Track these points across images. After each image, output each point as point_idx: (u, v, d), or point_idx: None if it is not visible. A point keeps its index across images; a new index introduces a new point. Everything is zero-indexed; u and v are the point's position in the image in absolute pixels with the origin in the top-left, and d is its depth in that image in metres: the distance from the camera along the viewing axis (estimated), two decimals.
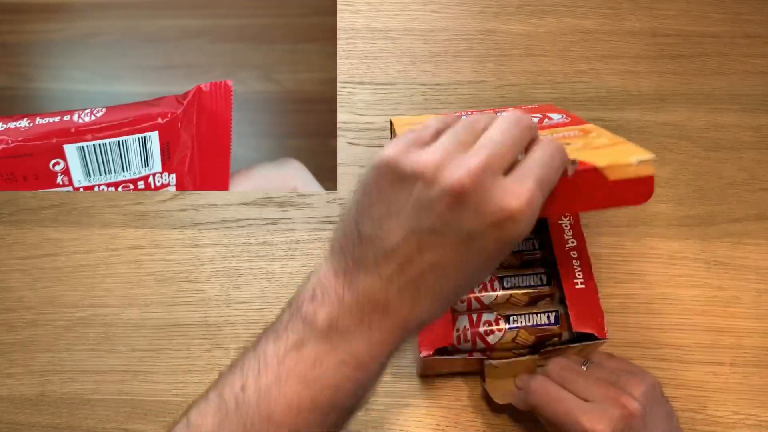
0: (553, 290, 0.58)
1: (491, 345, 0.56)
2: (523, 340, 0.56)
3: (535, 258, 0.61)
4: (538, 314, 0.57)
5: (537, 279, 0.59)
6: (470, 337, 0.56)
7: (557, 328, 0.56)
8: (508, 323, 0.56)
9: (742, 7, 0.78)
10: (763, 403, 0.60)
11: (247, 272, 0.66)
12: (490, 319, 0.57)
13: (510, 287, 0.58)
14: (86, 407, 0.61)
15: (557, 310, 0.57)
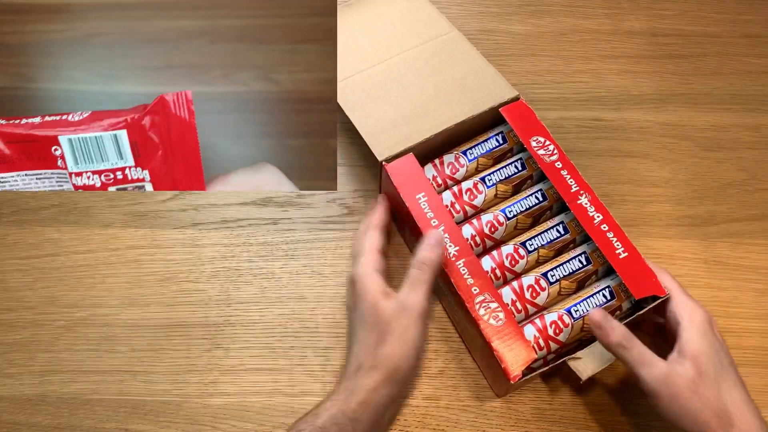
0: (595, 267, 0.58)
1: (564, 343, 0.56)
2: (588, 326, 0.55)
3: (567, 243, 0.60)
4: (592, 296, 0.57)
5: (577, 262, 0.59)
6: (543, 343, 0.56)
7: (615, 302, 0.56)
8: (572, 316, 0.56)
9: (742, 7, 0.78)
10: (763, 403, 0.60)
11: (247, 272, 0.66)
12: (553, 318, 0.57)
13: (556, 280, 0.58)
14: (86, 407, 0.61)
15: (608, 285, 0.57)
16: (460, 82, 0.66)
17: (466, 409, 0.60)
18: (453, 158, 0.65)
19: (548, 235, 0.60)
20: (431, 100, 0.65)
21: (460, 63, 0.67)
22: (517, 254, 0.60)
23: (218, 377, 0.62)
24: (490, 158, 0.65)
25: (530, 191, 0.62)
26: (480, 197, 0.63)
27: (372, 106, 0.66)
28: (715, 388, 0.49)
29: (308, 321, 0.64)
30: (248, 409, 0.60)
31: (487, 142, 0.65)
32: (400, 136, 0.63)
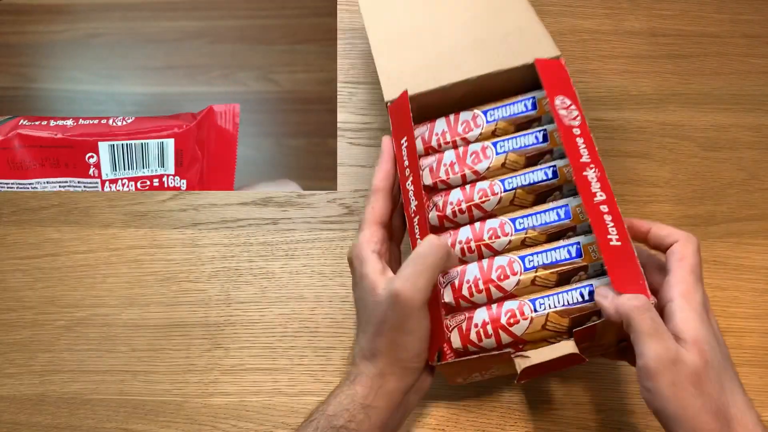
0: (586, 261, 0.50)
1: (519, 336, 0.49)
2: (555, 326, 0.48)
3: (565, 230, 0.52)
4: (568, 292, 0.49)
5: (564, 252, 0.50)
6: (492, 331, 0.49)
7: (593, 305, 0.48)
8: (535, 309, 0.49)
9: (742, 7, 0.78)
10: (763, 403, 0.60)
11: (247, 272, 0.66)
12: (512, 307, 0.49)
13: (532, 267, 0.50)
14: (86, 407, 0.61)
15: (591, 284, 0.49)
16: (501, 35, 0.58)
17: (466, 409, 0.60)
18: (470, 116, 0.57)
19: (545, 216, 0.52)
20: (464, 50, 0.58)
21: (508, 19, 0.60)
22: (501, 230, 0.52)
23: (218, 377, 0.62)
24: (512, 124, 0.57)
25: (541, 166, 0.54)
26: (485, 163, 0.55)
27: (396, 39, 0.60)
28: (718, 384, 0.42)
29: (308, 321, 0.64)
30: (248, 409, 0.60)
31: (513, 105, 0.57)
32: (416, 78, 0.57)
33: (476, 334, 0.49)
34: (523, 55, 0.56)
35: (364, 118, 0.73)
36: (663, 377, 0.41)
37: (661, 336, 0.42)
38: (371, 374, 0.48)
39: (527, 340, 0.49)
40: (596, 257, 0.50)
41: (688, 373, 0.41)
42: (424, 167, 0.57)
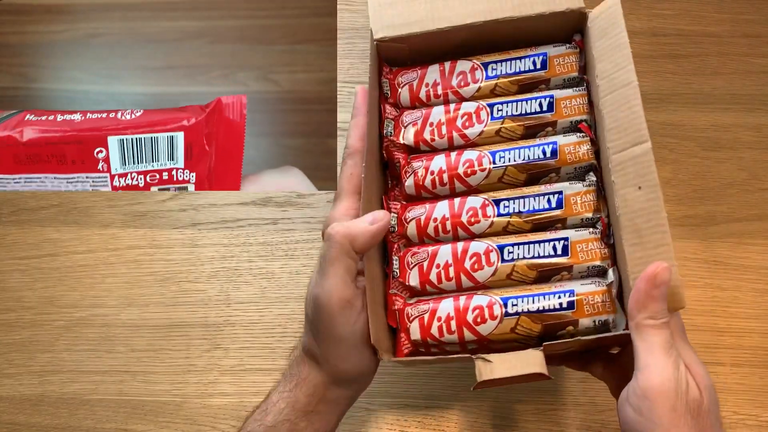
0: (571, 261, 0.45)
1: (484, 336, 0.44)
2: (525, 330, 0.44)
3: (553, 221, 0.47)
4: (546, 296, 0.44)
5: (549, 248, 0.46)
6: (455, 327, 0.45)
7: (572, 314, 0.44)
8: (506, 308, 0.44)
9: (742, 7, 0.77)
10: (763, 403, 0.60)
11: (246, 272, 0.66)
12: (480, 303, 0.45)
13: (510, 259, 0.46)
14: (85, 407, 0.61)
15: (573, 290, 0.44)
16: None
17: (466, 409, 0.60)
18: (468, 68, 0.50)
19: (533, 202, 0.47)
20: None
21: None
22: (483, 211, 0.47)
23: (218, 377, 0.62)
24: (516, 84, 0.50)
25: (541, 141, 0.48)
26: (477, 127, 0.49)
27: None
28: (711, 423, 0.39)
29: None
30: (248, 409, 0.60)
31: (520, 60, 0.50)
32: (412, 15, 0.49)
33: (438, 328, 0.45)
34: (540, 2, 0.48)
35: None
36: (664, 399, 0.37)
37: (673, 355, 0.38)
38: (315, 382, 0.44)
39: (492, 340, 0.45)
40: (584, 259, 0.45)
41: (690, 401, 0.38)
42: (407, 123, 0.50)
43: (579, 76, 0.50)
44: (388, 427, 0.59)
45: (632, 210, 0.42)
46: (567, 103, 0.49)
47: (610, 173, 0.44)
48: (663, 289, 0.39)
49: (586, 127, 0.48)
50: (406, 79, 0.52)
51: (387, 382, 0.61)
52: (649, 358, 0.38)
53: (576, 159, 0.47)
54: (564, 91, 0.49)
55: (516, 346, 0.44)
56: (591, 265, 0.45)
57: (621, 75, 0.45)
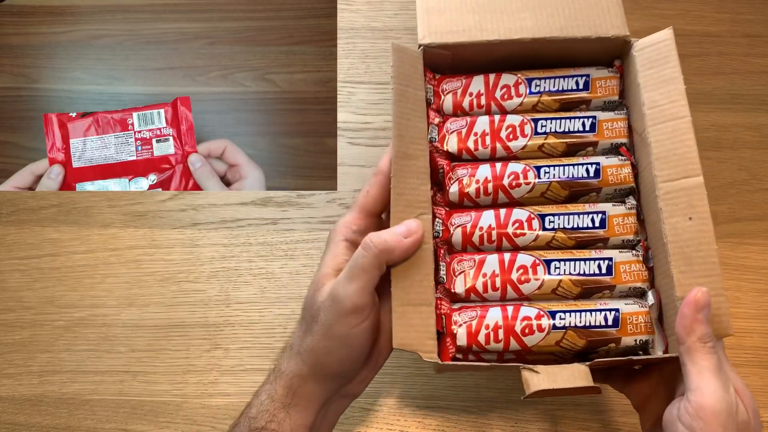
0: (615, 282, 0.47)
1: (528, 347, 0.45)
2: (570, 344, 0.45)
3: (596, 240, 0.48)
4: (591, 312, 0.45)
5: (595, 266, 0.47)
6: (503, 336, 0.45)
7: (616, 332, 0.45)
8: (554, 321, 0.45)
9: (742, 7, 0.78)
10: (763, 403, 0.60)
11: (246, 272, 0.66)
12: (529, 314, 0.46)
13: (557, 274, 0.47)
14: (86, 407, 0.61)
15: (618, 309, 0.46)
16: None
17: (466, 409, 0.60)
18: (513, 81, 0.52)
19: (578, 220, 0.48)
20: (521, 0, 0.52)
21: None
22: (528, 224, 0.48)
23: (218, 377, 0.62)
24: (558, 101, 0.52)
25: (585, 160, 0.49)
26: (520, 141, 0.50)
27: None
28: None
29: None
30: None
31: (563, 79, 0.52)
32: (459, 24, 0.51)
33: (485, 336, 0.45)
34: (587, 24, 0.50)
35: (364, 118, 0.73)
36: (716, 420, 0.39)
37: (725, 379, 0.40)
38: (291, 374, 0.46)
39: (534, 352, 0.46)
40: (627, 279, 0.47)
41: (740, 423, 0.39)
42: (452, 131, 0.51)
43: (619, 100, 0.52)
44: (388, 427, 0.59)
45: (682, 239, 0.44)
46: (609, 126, 0.50)
47: (657, 200, 0.46)
48: (706, 312, 0.41)
49: (626, 150, 0.50)
50: (450, 87, 0.53)
51: (387, 382, 0.61)
52: (701, 380, 0.40)
53: (618, 181, 0.49)
54: (606, 114, 0.51)
55: (552, 359, 0.46)
56: (632, 286, 0.47)
57: (673, 108, 0.47)
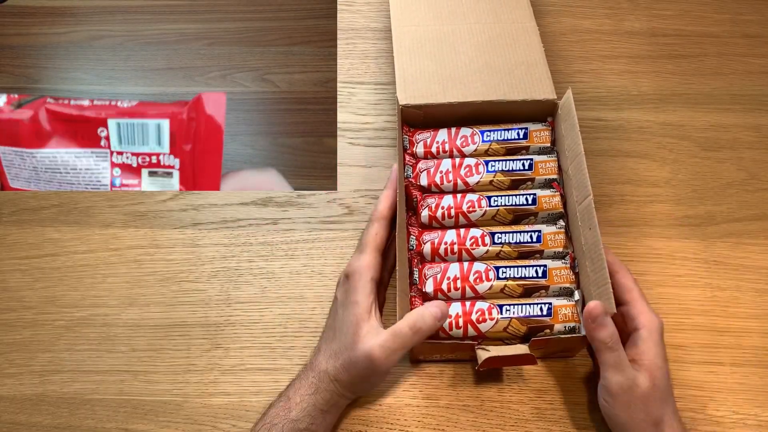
0: (548, 283, 0.60)
1: (482, 333, 0.57)
2: (514, 330, 0.57)
3: (534, 252, 0.61)
4: (530, 305, 0.58)
5: (533, 271, 0.60)
6: (462, 324, 0.57)
7: (549, 320, 0.57)
8: (501, 313, 0.58)
9: (742, 7, 0.78)
10: (763, 403, 0.60)
11: (247, 272, 0.66)
12: (483, 308, 0.58)
13: (504, 278, 0.59)
14: (86, 407, 0.61)
15: (550, 303, 0.58)
16: (510, 67, 0.66)
17: (466, 409, 0.60)
18: (469, 133, 0.66)
19: (520, 236, 0.61)
20: (475, 72, 0.66)
21: (519, 51, 0.67)
22: (482, 240, 0.61)
23: (218, 377, 0.62)
24: (504, 147, 0.65)
25: (524, 192, 0.63)
26: (475, 177, 0.64)
27: (419, 57, 0.67)
28: (660, 401, 0.53)
29: (308, 321, 0.64)
30: (248, 409, 0.60)
31: (508, 131, 0.66)
32: (428, 91, 0.65)
33: (449, 323, 0.58)
34: (525, 90, 0.65)
35: (364, 118, 0.73)
36: (620, 399, 0.52)
37: (622, 369, 0.52)
38: (333, 391, 0.55)
39: (487, 337, 0.58)
40: (558, 281, 0.59)
41: (639, 395, 0.52)
42: (423, 170, 0.65)
43: (550, 146, 0.65)
44: (388, 427, 0.60)
45: (587, 245, 0.57)
46: (543, 166, 0.64)
47: (577, 219, 0.60)
48: (601, 320, 0.52)
49: (557, 184, 0.64)
50: (421, 137, 0.66)
51: (387, 382, 0.61)
52: (606, 373, 0.53)
53: (550, 207, 0.62)
54: (540, 156, 0.65)
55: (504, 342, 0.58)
56: (562, 286, 0.60)
57: (575, 147, 0.60)
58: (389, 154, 0.71)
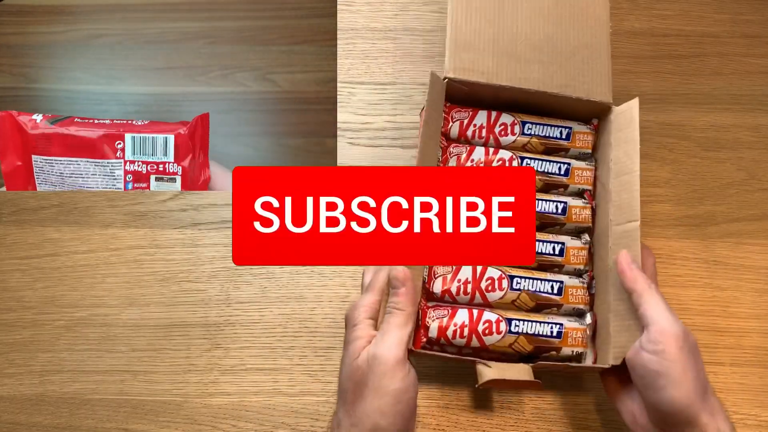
0: (563, 301, 0.57)
1: (486, 345, 0.54)
2: (520, 347, 0.55)
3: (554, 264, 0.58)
4: (540, 323, 0.55)
5: (548, 285, 0.57)
6: (467, 333, 0.54)
7: (558, 343, 0.55)
8: (510, 327, 0.54)
9: (742, 7, 0.78)
10: (763, 403, 0.60)
11: (247, 272, 0.66)
12: (491, 319, 0.55)
13: (518, 288, 0.56)
14: (86, 407, 0.61)
15: (561, 323, 0.55)
16: (572, 50, 0.60)
17: (466, 409, 0.60)
18: (510, 121, 0.61)
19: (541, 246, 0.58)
20: (534, 49, 0.59)
21: (584, 27, 0.61)
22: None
23: (218, 377, 0.62)
24: (543, 145, 0.61)
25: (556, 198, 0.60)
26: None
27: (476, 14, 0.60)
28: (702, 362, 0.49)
29: (308, 321, 0.64)
30: (248, 409, 0.60)
31: (551, 127, 0.61)
32: (479, 65, 0.58)
33: (452, 332, 0.54)
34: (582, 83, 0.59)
35: (364, 118, 0.73)
36: (675, 342, 0.47)
37: (672, 312, 0.49)
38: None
39: (490, 350, 0.55)
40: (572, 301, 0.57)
41: (691, 345, 0.48)
42: (453, 154, 0.60)
43: (591, 153, 0.61)
44: None
45: None
46: (580, 173, 0.60)
47: (608, 239, 0.56)
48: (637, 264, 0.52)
49: (590, 195, 0.60)
50: (459, 116, 0.61)
51: None
52: (656, 314, 0.49)
53: (579, 219, 0.59)
54: (579, 162, 0.61)
55: (506, 359, 0.55)
56: (575, 306, 0.57)
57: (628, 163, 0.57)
58: (389, 154, 0.71)
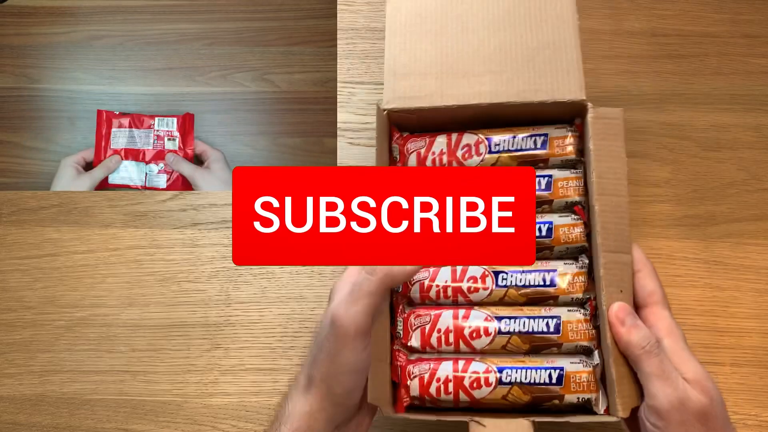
0: (562, 340, 0.49)
1: (476, 399, 0.48)
2: (515, 399, 0.48)
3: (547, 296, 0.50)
4: (537, 369, 0.48)
5: (543, 324, 0.49)
6: (452, 389, 0.48)
7: (559, 389, 0.47)
8: (501, 377, 0.47)
9: (742, 7, 0.77)
10: (763, 403, 0.60)
11: (246, 272, 0.66)
12: (478, 370, 0.48)
13: (507, 332, 0.49)
14: (86, 407, 0.61)
15: (563, 367, 0.48)
16: (530, 53, 0.52)
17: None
18: (474, 141, 0.53)
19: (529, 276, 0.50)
20: (484, 60, 0.52)
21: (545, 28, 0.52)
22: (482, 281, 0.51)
23: (218, 377, 0.62)
24: (516, 160, 0.53)
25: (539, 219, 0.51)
26: None
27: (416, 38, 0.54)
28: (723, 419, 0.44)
29: (308, 321, 0.64)
30: (248, 409, 0.60)
31: (523, 139, 0.53)
32: (422, 89, 0.52)
33: (436, 388, 0.48)
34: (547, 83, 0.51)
35: (364, 118, 0.73)
36: (673, 417, 0.43)
37: (670, 378, 0.44)
38: (300, 413, 0.45)
39: (482, 404, 0.48)
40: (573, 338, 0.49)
41: (695, 412, 0.43)
42: None
43: (576, 158, 0.52)
44: (389, 427, 0.59)
45: None
46: (564, 184, 0.51)
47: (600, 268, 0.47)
48: (631, 321, 0.45)
49: (580, 209, 0.51)
50: (414, 146, 0.54)
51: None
52: (650, 386, 0.44)
53: (569, 240, 0.51)
54: (562, 172, 0.52)
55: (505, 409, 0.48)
56: (578, 344, 0.49)
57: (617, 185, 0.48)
58: None
